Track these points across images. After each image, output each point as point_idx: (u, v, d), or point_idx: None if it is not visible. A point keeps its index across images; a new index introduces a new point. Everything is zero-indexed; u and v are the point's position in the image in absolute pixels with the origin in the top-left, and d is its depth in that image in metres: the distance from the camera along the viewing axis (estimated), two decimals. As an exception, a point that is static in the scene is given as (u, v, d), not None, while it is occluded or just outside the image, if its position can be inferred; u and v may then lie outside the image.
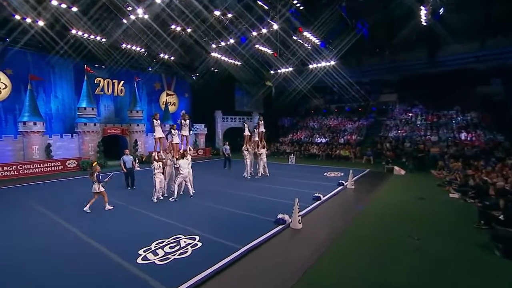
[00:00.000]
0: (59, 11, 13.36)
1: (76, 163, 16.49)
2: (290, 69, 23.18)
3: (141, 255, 5.35)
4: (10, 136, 15.31)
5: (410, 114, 23.72)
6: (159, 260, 5.17)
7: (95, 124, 17.94)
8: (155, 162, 9.26)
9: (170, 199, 9.25)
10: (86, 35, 16.40)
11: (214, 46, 17.94)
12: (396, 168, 14.76)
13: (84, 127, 17.47)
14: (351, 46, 19.13)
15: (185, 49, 20.01)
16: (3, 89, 16.20)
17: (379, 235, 6.38)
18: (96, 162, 9.37)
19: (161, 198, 9.50)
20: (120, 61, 18.97)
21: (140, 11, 13.07)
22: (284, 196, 9.58)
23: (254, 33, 15.50)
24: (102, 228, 6.83)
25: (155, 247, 5.68)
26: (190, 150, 10.19)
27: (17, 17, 14.13)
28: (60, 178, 13.92)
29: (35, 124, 15.32)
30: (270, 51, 19.25)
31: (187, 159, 9.54)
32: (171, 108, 26.20)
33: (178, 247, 5.70)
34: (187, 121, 10.35)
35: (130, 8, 13.32)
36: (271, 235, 6.37)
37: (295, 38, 16.29)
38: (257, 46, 17.94)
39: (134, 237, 6.18)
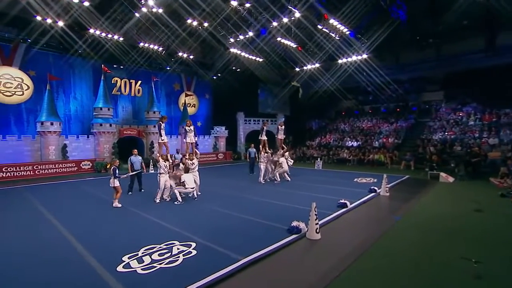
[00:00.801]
0: (71, 6, 13.88)
1: (90, 164, 16.93)
2: (317, 65, 22.17)
3: (124, 262, 4.84)
4: (29, 136, 16.14)
5: (461, 114, 21.43)
6: (141, 269, 4.60)
7: (110, 125, 18.40)
8: (161, 162, 9.21)
9: (175, 202, 9.00)
10: (103, 34, 16.98)
11: (232, 40, 17.63)
12: (442, 174, 13.13)
13: (100, 128, 17.97)
14: (387, 36, 17.68)
15: (203, 46, 20.04)
16: (26, 90, 17.24)
17: (419, 253, 5.26)
18: (109, 164, 9.37)
19: (167, 200, 9.29)
20: (137, 61, 19.44)
21: (151, 2, 13.15)
22: (304, 202, 8.72)
23: (275, 23, 14.89)
24: (93, 230, 6.52)
25: (142, 253, 5.18)
26: (196, 154, 10.07)
27: (38, 18, 15.00)
28: (72, 179, 14.25)
29: (52, 124, 16.02)
30: (293, 45, 18.49)
31: (192, 170, 9.43)
32: (191, 110, 26.42)
33: (168, 254, 5.14)
34: (192, 127, 10.33)
35: (143, 1, 13.48)
36: (281, 246, 5.55)
37: (320, 27, 15.39)
38: (278, 39, 17.28)
39: (124, 241, 5.77)
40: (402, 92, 27.73)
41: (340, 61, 21.04)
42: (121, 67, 20.54)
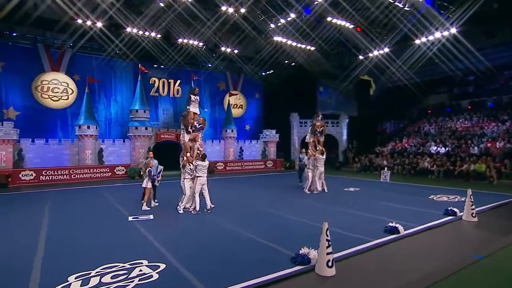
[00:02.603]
0: (106, 4, 15.18)
1: (124, 170, 18.14)
2: (386, 50, 19.70)
3: (67, 282, 4.48)
4: (68, 140, 18.22)
5: None
6: (77, 294, 4.14)
7: (146, 128, 19.52)
8: (187, 165, 9.20)
9: (192, 212, 8.93)
10: (140, 32, 18.25)
11: (273, 26, 16.94)
12: None
13: (135, 131, 19.22)
14: None
15: (246, 37, 19.87)
16: (70, 94, 19.65)
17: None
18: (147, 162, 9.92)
19: (191, 210, 9.09)
20: (174, 58, 20.31)
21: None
22: (341, 222, 7.49)
23: (320, -1, 13.62)
24: (70, 240, 6.51)
25: (96, 273, 4.79)
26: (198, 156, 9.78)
27: (79, 21, 16.96)
28: (102, 185, 15.41)
29: (88, 127, 17.76)
30: (349, 25, 16.71)
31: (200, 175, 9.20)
32: (238, 112, 26.54)
33: (124, 277, 4.65)
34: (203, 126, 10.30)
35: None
36: (271, 280, 4.48)
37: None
38: (329, 19, 15.81)
39: (90, 256, 5.51)
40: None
41: (417, 41, 18.24)
42: (161, 66, 21.84)
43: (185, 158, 9.40)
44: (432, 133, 22.69)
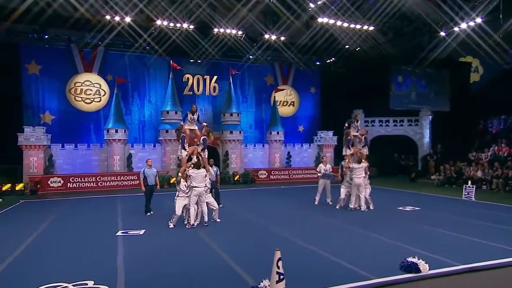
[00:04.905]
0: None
1: (153, 178, 19.40)
2: (479, 20, 17.26)
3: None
4: (97, 145, 20.29)
5: None
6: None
7: (177, 131, 20.61)
8: (182, 182, 9.72)
9: (186, 226, 9.59)
10: (172, 24, 19.40)
11: (312, 5, 16.38)
12: None
13: (166, 135, 20.50)
14: None
15: (289, 22, 19.62)
16: (103, 96, 21.87)
17: None
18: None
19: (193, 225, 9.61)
20: (208, 51, 21.08)
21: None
22: (351, 251, 7.05)
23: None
24: (39, 252, 7.34)
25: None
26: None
27: (108, 17, 18.81)
28: (128, 194, 16.82)
29: (116, 131, 19.51)
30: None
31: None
32: (288, 110, 26.42)
33: (57, 299, 5.02)
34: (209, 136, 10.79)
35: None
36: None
37: None
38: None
39: (38, 273, 6.06)
40: None
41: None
42: (198, 61, 22.84)
43: (179, 174, 9.99)
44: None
